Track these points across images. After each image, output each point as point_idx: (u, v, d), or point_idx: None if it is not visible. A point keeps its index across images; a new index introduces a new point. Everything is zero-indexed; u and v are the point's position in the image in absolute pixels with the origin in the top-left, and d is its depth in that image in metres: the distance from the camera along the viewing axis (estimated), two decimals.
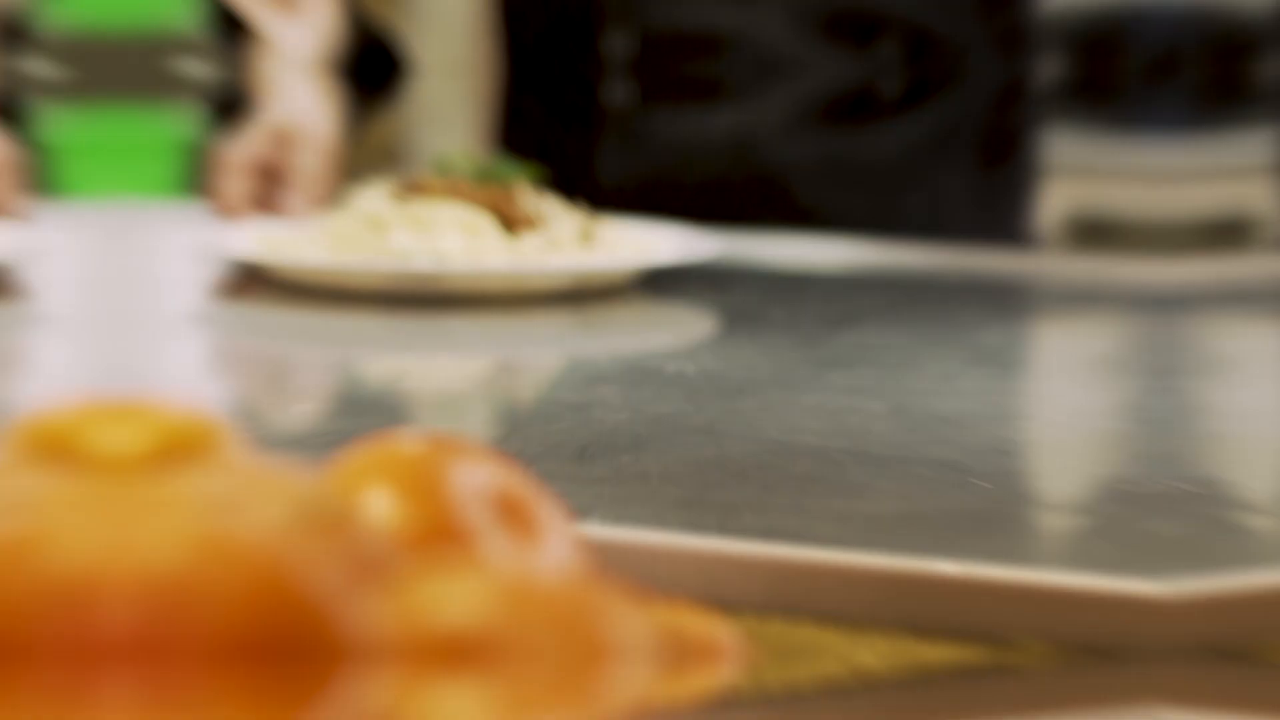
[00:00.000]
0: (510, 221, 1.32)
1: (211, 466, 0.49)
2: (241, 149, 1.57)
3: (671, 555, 0.70)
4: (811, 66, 1.78)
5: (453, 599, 0.47)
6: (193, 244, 1.47)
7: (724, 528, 0.73)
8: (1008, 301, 1.43)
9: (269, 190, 1.55)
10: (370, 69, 1.86)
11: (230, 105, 1.82)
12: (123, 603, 0.43)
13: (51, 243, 1.38)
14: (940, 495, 0.79)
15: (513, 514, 0.53)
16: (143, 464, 0.48)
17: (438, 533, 0.51)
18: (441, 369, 1.22)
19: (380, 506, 0.51)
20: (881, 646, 0.65)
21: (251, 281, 1.37)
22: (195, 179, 3.79)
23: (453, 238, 1.31)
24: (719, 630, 0.53)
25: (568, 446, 0.92)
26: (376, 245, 1.32)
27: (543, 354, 1.24)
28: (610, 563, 0.57)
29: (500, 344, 1.23)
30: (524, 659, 0.46)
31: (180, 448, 0.49)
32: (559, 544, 0.53)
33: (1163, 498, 0.78)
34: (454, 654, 0.45)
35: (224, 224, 1.48)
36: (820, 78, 1.78)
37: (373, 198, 1.38)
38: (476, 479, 0.52)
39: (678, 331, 1.27)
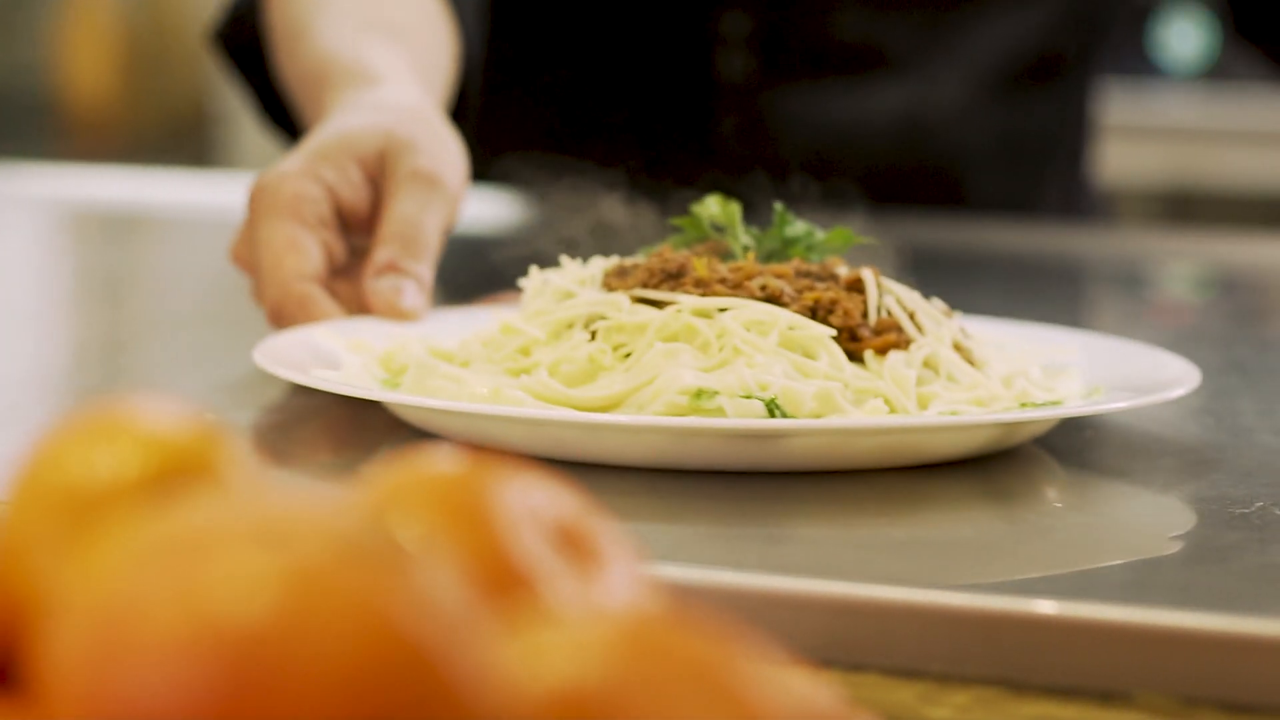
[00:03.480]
0: (861, 336, 0.80)
1: (227, 491, 0.40)
2: (310, 184, 0.89)
3: (700, 593, 0.61)
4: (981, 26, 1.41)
5: (568, 650, 0.38)
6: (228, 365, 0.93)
7: (764, 561, 0.64)
8: (1070, 286, 1.31)
9: (355, 262, 0.93)
10: None
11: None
12: (201, 664, 0.34)
13: None
14: (1009, 519, 0.68)
15: (575, 546, 0.44)
16: (142, 492, 0.41)
17: (490, 569, 0.42)
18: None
19: (416, 540, 0.42)
20: (964, 702, 0.58)
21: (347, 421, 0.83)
22: None
23: (773, 368, 0.77)
24: (840, 695, 0.44)
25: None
26: (629, 379, 0.78)
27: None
28: None
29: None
30: None
31: (180, 470, 0.42)
32: (629, 582, 0.44)
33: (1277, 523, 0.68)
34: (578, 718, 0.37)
35: (283, 325, 0.88)
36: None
37: (578, 288, 0.84)
38: (531, 503, 0.44)
39: None
